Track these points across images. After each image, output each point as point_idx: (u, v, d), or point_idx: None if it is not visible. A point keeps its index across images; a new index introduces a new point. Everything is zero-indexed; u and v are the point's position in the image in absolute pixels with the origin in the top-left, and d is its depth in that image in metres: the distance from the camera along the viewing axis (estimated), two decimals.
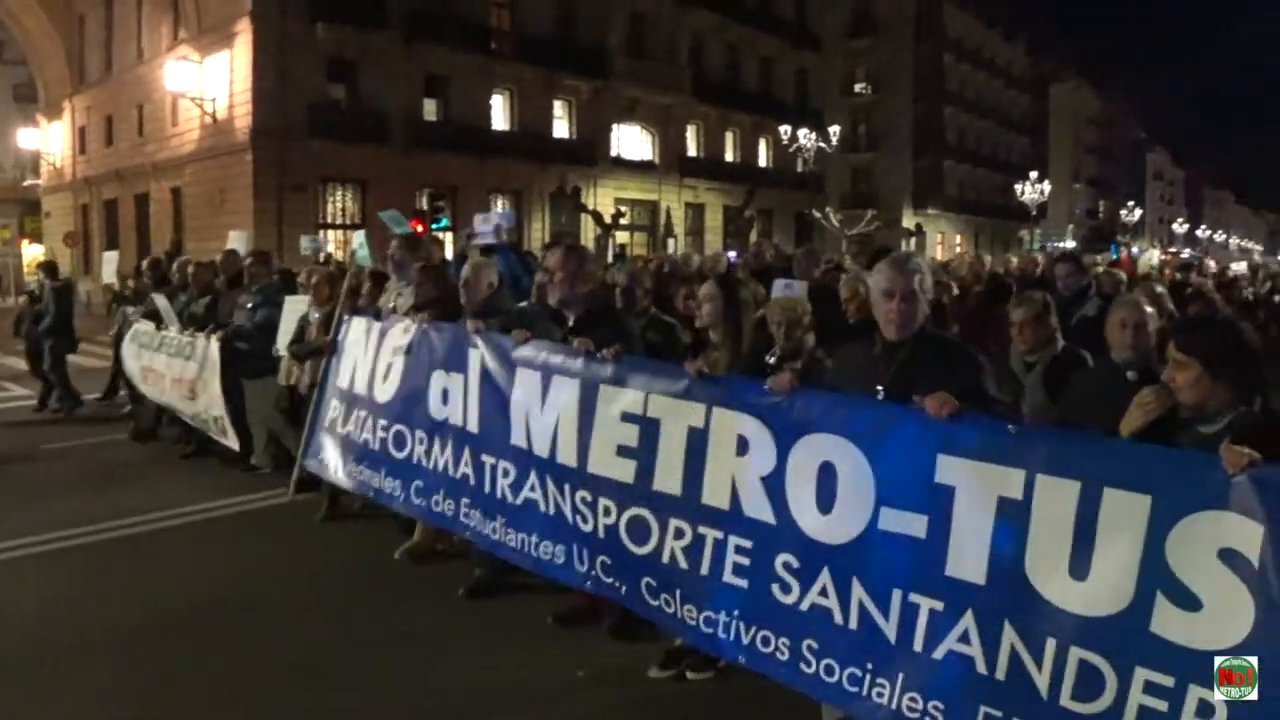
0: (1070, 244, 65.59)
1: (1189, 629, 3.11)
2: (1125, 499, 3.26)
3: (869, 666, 3.84)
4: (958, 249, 62.13)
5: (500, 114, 38.03)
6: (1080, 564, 3.34)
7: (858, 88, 63.97)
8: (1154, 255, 39.10)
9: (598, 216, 34.41)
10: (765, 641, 4.22)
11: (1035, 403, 5.41)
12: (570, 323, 5.74)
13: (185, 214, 34.60)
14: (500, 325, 6.15)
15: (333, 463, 7.17)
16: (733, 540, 4.38)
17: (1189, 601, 3.12)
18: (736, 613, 4.34)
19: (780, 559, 4.17)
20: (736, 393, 4.50)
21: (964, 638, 3.60)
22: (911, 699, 3.69)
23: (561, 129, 40.43)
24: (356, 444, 6.87)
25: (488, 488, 5.72)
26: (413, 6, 33.37)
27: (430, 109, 35.51)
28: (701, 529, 4.51)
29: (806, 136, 44.82)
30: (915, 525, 3.74)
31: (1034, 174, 66.51)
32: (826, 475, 4.03)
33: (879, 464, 3.88)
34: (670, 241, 39.89)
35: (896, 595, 3.79)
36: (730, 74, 48.66)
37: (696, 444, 4.58)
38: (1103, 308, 7.16)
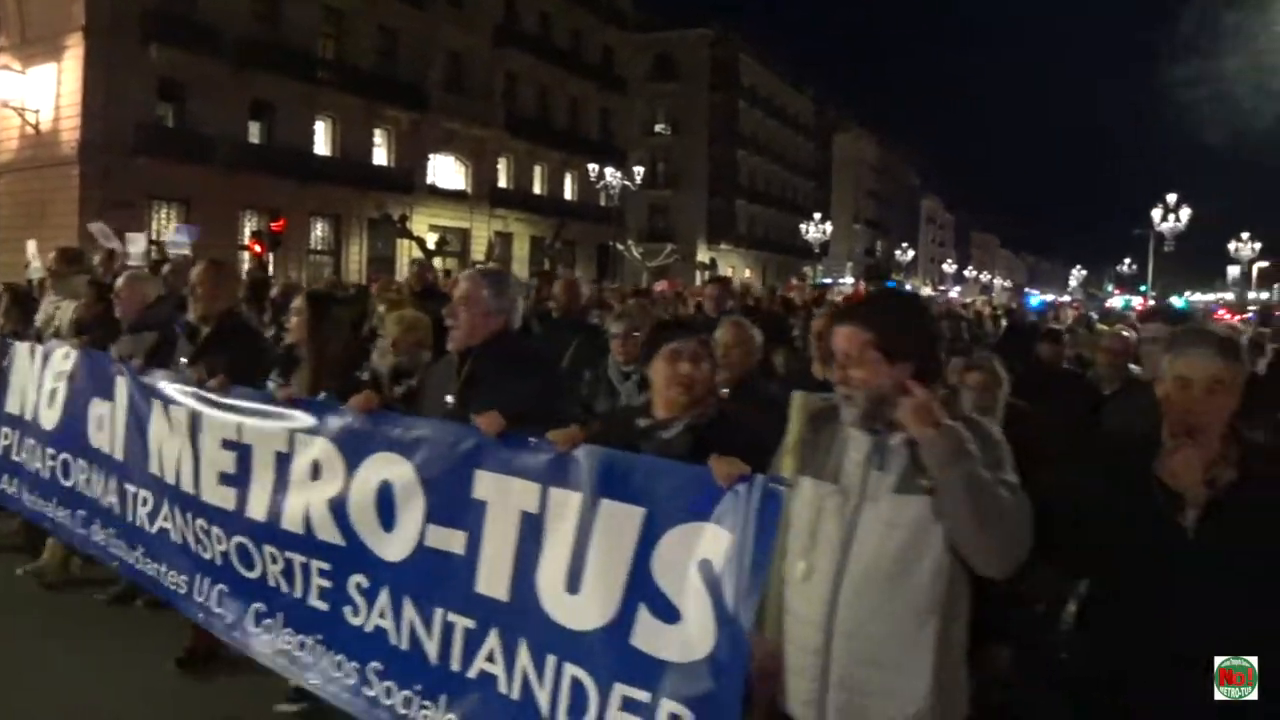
0: (849, 279, 71.11)
1: (665, 641, 3.12)
2: (620, 511, 3.28)
3: (418, 688, 3.79)
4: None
5: (323, 140, 39.61)
6: (575, 577, 3.34)
7: (658, 128, 67.81)
8: (924, 290, 43.82)
9: (421, 242, 36.39)
10: (338, 665, 4.13)
11: None
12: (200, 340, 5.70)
13: None
14: (156, 340, 6.21)
15: (11, 491, 6.87)
16: (314, 564, 4.33)
17: (669, 613, 3.13)
18: (319, 636, 4.26)
19: (353, 580, 4.12)
20: (311, 416, 4.50)
21: (490, 656, 3.58)
22: None
23: (381, 157, 42.28)
24: (29, 473, 6.64)
25: (129, 516, 5.58)
26: (243, 33, 34.67)
27: (255, 132, 36.83)
28: (289, 554, 4.45)
29: (613, 174, 47.87)
30: (455, 541, 3.73)
31: (818, 215, 71.88)
32: (386, 493, 4.01)
33: (428, 480, 3.87)
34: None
35: (438, 614, 3.76)
36: (541, 111, 51.46)
37: (282, 469, 4.55)
38: None
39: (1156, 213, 54.56)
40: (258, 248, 29.19)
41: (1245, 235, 65.81)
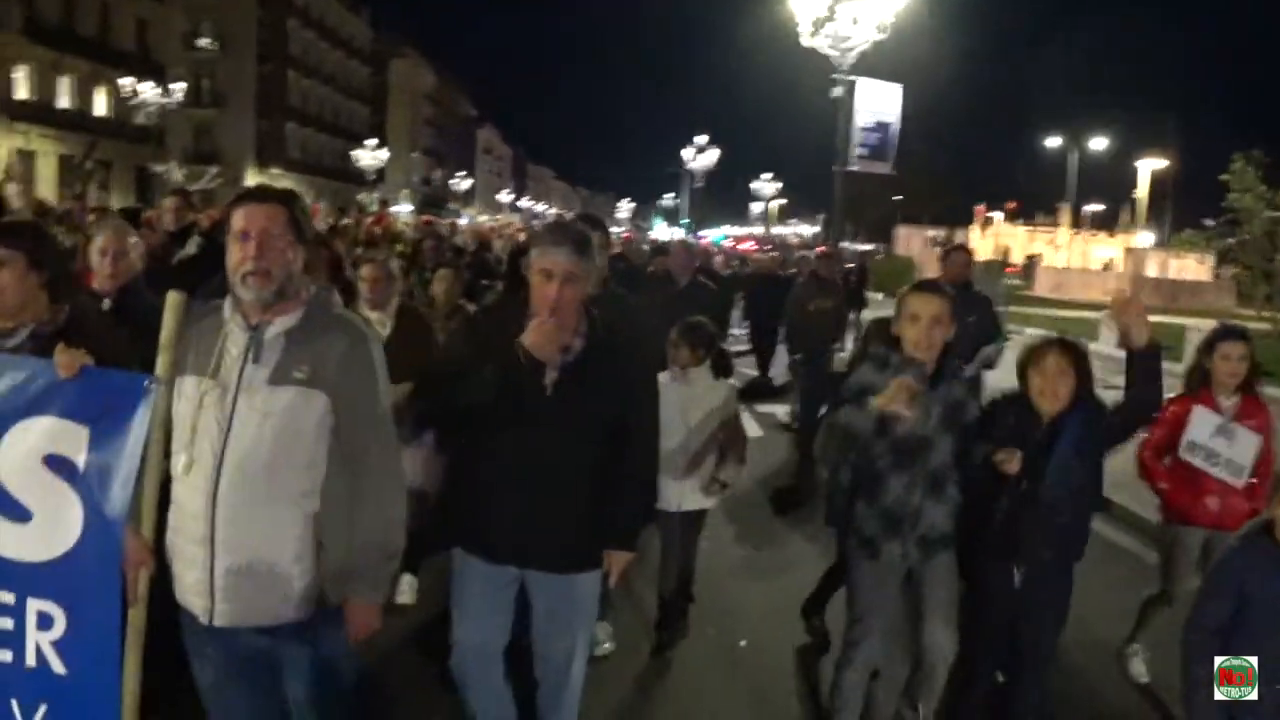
0: (409, 207, 71.68)
1: (21, 542, 3.07)
2: None
3: None
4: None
5: None
6: None
7: (201, 43, 63.69)
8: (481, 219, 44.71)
9: None
10: None
11: None
12: None
13: None
14: None
15: None
16: None
17: (19, 513, 3.07)
18: None
19: None
20: None
21: None
22: None
23: None
24: None
25: None
26: None
27: None
28: None
29: (151, 90, 44.99)
30: None
31: (373, 141, 71.42)
32: None
33: None
34: None
35: None
36: (66, 16, 46.84)
37: None
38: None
39: (687, 152, 59.77)
40: None
41: (767, 175, 73.34)
